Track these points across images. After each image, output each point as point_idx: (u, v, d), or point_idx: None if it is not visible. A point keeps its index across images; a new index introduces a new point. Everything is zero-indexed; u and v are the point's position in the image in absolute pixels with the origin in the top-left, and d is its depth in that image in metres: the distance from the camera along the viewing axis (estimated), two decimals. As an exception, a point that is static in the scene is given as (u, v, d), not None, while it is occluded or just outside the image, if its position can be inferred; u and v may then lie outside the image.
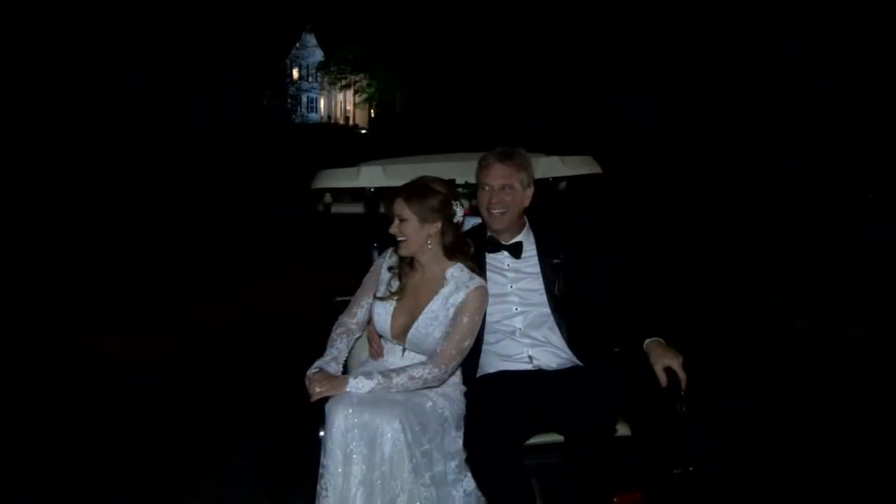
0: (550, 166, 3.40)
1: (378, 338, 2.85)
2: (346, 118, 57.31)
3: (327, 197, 3.61)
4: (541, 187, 3.11)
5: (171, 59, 23.69)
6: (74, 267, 13.09)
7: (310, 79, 54.97)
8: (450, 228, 2.76)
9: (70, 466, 4.77)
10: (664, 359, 2.63)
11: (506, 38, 27.99)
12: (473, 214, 3.10)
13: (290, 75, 49.03)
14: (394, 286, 2.80)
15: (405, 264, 2.81)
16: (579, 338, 2.84)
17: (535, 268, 2.91)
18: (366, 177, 3.25)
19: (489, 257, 2.92)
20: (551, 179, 3.52)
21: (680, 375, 2.60)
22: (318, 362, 2.75)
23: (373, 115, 54.13)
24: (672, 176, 15.19)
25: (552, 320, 2.85)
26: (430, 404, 2.62)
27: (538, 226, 3.00)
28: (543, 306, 2.86)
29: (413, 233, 2.72)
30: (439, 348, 2.65)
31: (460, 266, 2.77)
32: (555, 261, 2.89)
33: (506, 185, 2.84)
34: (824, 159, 13.39)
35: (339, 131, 50.03)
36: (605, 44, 20.44)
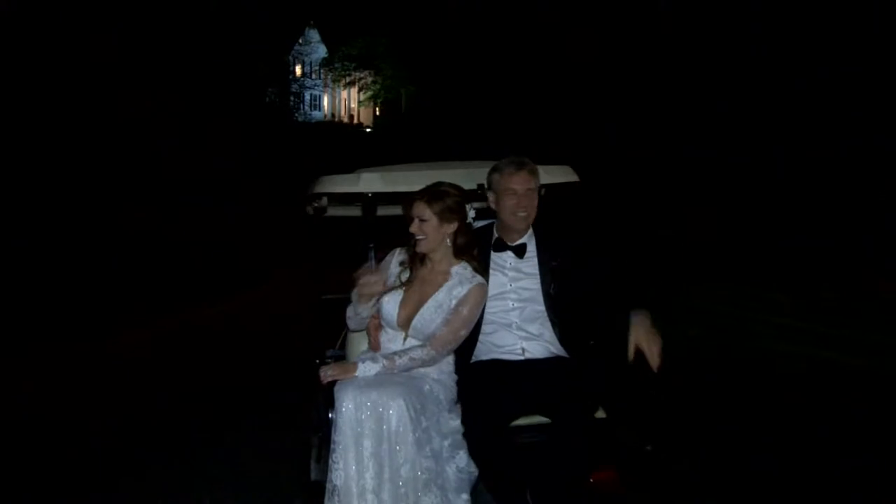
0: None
1: (377, 332, 3.17)
2: (351, 116, 57.28)
3: (323, 200, 3.84)
4: None
5: (172, 56, 23.98)
6: (82, 267, 13.36)
7: (313, 76, 54.94)
8: (464, 229, 3.12)
9: (73, 459, 4.95)
10: (641, 340, 2.88)
11: (509, 36, 28.19)
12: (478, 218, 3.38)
13: (293, 72, 49.06)
14: (403, 278, 3.14)
15: (416, 260, 3.15)
16: (568, 333, 3.17)
17: (534, 268, 3.23)
18: (365, 183, 3.51)
19: (494, 256, 3.26)
20: (541, 189, 3.74)
21: (652, 361, 2.85)
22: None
23: (378, 113, 54.17)
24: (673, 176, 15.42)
25: (545, 317, 3.17)
26: (428, 387, 2.96)
27: (540, 231, 3.32)
28: (538, 304, 3.18)
29: (432, 231, 3.07)
30: (438, 333, 3.01)
31: (465, 264, 3.13)
32: (553, 263, 3.21)
33: (529, 189, 3.19)
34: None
35: (343, 130, 49.95)
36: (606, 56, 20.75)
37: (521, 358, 3.15)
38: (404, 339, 3.11)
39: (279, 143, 31.46)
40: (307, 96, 52.71)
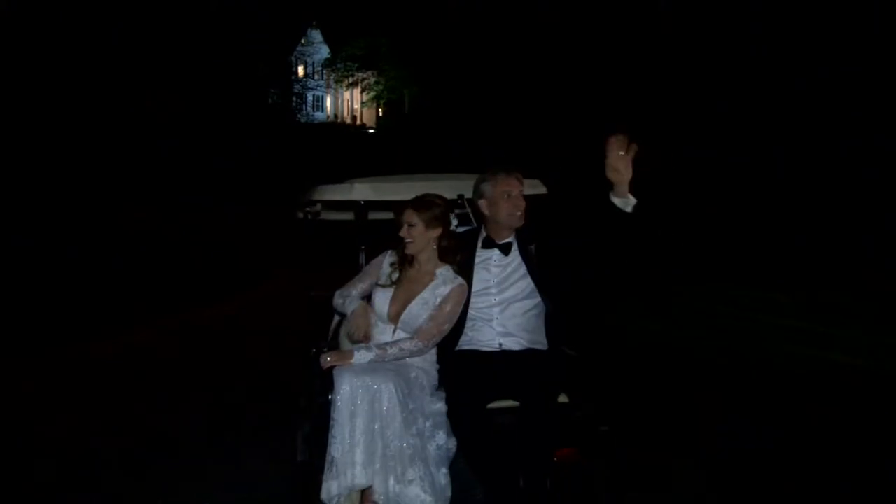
0: None
1: (365, 328, 3.50)
2: (354, 117, 57.54)
3: (317, 206, 4.24)
4: None
5: (173, 57, 24.18)
6: (86, 269, 13.59)
7: (316, 76, 55.24)
8: (447, 235, 3.53)
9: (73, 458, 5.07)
10: (616, 160, 3.09)
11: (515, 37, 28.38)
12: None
13: (295, 73, 49.33)
14: (394, 277, 3.55)
15: (405, 261, 3.55)
16: (543, 325, 3.60)
17: (517, 259, 3.62)
18: (357, 192, 3.97)
19: (482, 255, 3.64)
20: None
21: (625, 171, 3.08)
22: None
23: (381, 113, 54.38)
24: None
25: (521, 312, 3.58)
26: (414, 375, 3.36)
27: (521, 234, 3.69)
28: (517, 300, 3.58)
29: (419, 236, 3.48)
30: (424, 327, 3.42)
31: (448, 267, 3.53)
32: (530, 247, 3.63)
33: (521, 191, 3.59)
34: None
35: (345, 131, 50.14)
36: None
37: (499, 349, 3.57)
38: (393, 331, 3.50)
39: (281, 144, 31.63)
40: (310, 97, 53.05)
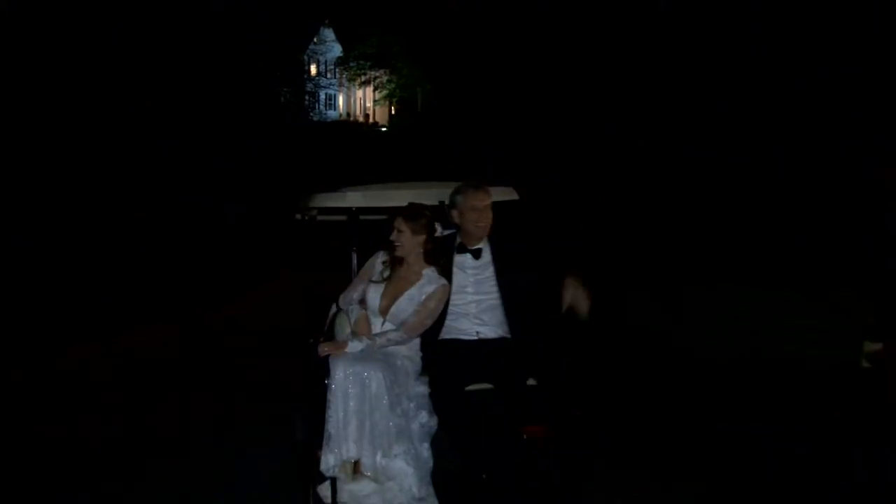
0: None
1: (367, 331, 4.00)
2: (366, 116, 57.92)
3: (314, 210, 4.71)
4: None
5: (183, 57, 24.48)
6: (95, 269, 13.91)
7: (328, 75, 55.63)
8: (432, 240, 4.03)
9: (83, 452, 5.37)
10: (572, 297, 3.75)
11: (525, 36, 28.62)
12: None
13: (308, 71, 49.66)
14: (385, 275, 4.07)
15: (396, 262, 4.05)
16: (514, 319, 4.09)
17: (490, 266, 4.14)
18: (350, 199, 4.46)
19: (457, 259, 4.14)
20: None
21: (581, 314, 3.71)
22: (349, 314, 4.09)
23: (393, 112, 54.70)
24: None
25: (496, 306, 4.08)
26: (400, 362, 3.88)
27: (493, 238, 4.21)
28: (491, 296, 4.11)
29: (407, 241, 4.00)
30: (409, 321, 3.95)
31: (433, 268, 4.03)
32: (503, 261, 4.14)
33: (486, 206, 4.09)
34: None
35: (358, 129, 50.44)
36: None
37: (476, 339, 4.08)
38: (382, 323, 4.03)
39: (293, 143, 31.82)
40: (322, 96, 53.35)
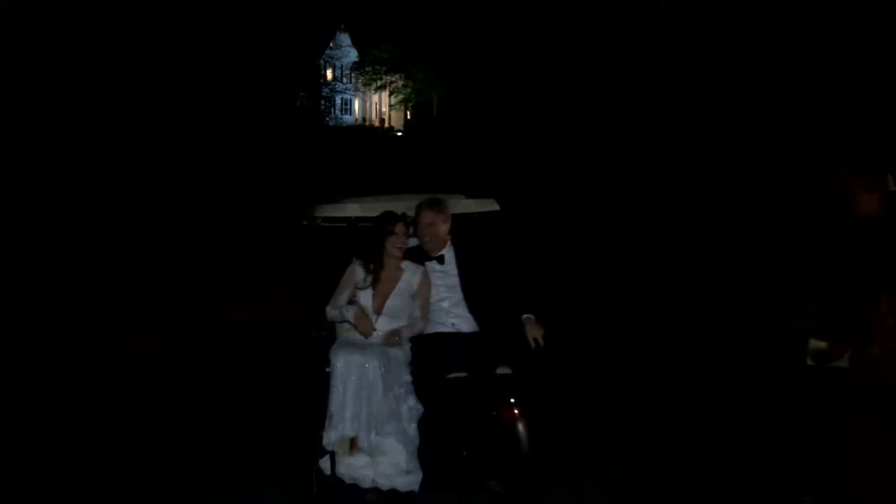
0: (467, 205, 5.38)
1: (369, 326, 4.51)
2: (382, 120, 58.41)
3: (318, 219, 5.37)
4: (462, 218, 5.18)
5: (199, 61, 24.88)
6: (108, 271, 14.26)
7: (344, 80, 56.18)
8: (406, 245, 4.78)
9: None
10: (533, 331, 4.47)
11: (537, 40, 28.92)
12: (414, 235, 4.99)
13: (324, 76, 50.21)
14: (368, 280, 4.63)
15: (379, 265, 4.64)
16: (478, 313, 4.74)
17: (455, 270, 4.79)
18: (349, 210, 5.23)
19: (427, 263, 4.80)
20: (474, 214, 5.46)
21: (540, 343, 4.45)
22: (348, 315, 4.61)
23: (409, 116, 55.14)
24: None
25: (464, 303, 4.75)
26: (393, 353, 4.38)
27: (459, 243, 4.88)
28: (459, 295, 4.76)
29: (405, 242, 4.72)
30: (418, 312, 4.62)
31: (408, 262, 4.70)
32: (468, 268, 4.80)
33: (429, 224, 4.73)
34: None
35: (373, 134, 50.85)
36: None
37: (453, 330, 4.69)
38: (376, 319, 4.57)
39: (308, 146, 32.13)
40: (338, 100, 53.86)
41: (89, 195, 17.05)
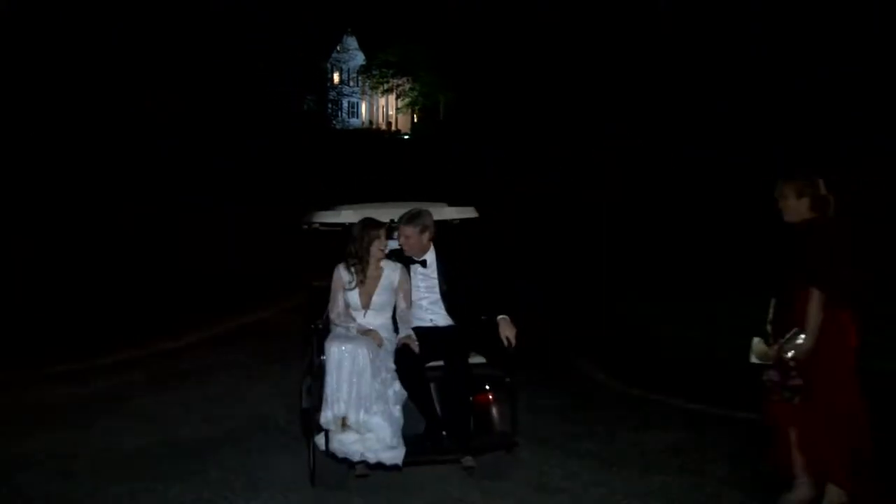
0: (448, 213, 5.88)
1: (379, 337, 4.98)
2: (389, 123, 58.69)
3: (316, 224, 5.89)
4: (444, 224, 5.71)
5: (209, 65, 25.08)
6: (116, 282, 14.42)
7: (351, 83, 56.51)
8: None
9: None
10: (506, 331, 5.03)
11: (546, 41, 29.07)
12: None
13: (331, 80, 50.48)
14: (354, 282, 5.15)
15: (364, 266, 5.13)
16: (454, 311, 5.32)
17: (434, 274, 5.35)
18: (343, 216, 5.68)
19: (412, 267, 5.34)
20: (455, 220, 6.01)
21: (512, 342, 5.01)
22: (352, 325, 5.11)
23: (415, 119, 55.37)
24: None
25: (441, 302, 5.33)
26: (380, 343, 4.95)
27: (440, 249, 5.39)
28: (437, 294, 5.34)
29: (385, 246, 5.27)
30: (403, 304, 5.20)
31: (387, 261, 5.22)
32: (446, 272, 5.33)
33: (406, 236, 5.26)
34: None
35: (380, 137, 51.07)
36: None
37: (431, 325, 5.28)
38: (364, 314, 5.14)
39: (311, 149, 32.30)
40: (345, 103, 54.18)
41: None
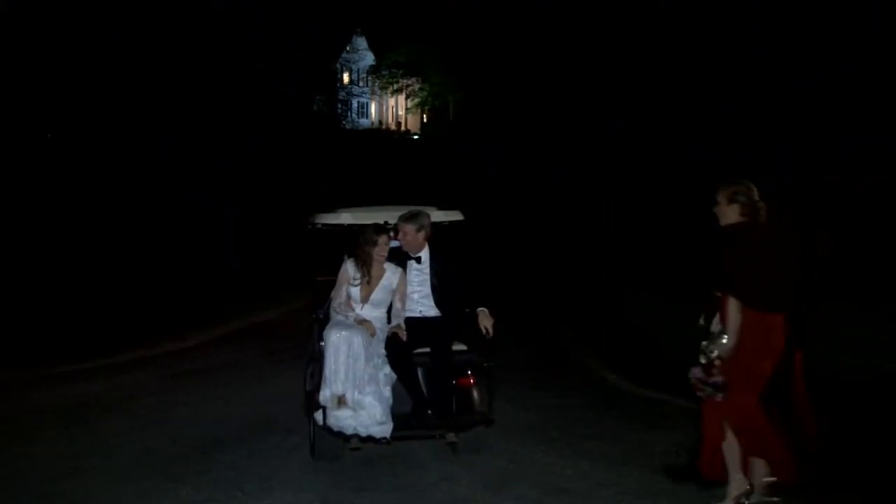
0: (436, 216, 6.46)
1: (373, 328, 5.64)
2: (398, 124, 58.85)
3: (318, 224, 6.57)
4: (436, 226, 6.32)
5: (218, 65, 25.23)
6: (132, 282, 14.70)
7: (360, 83, 56.70)
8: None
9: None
10: (484, 321, 5.70)
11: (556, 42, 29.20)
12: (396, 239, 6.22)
13: (340, 80, 50.64)
14: (358, 278, 5.81)
15: (369, 265, 5.79)
16: (441, 304, 5.98)
17: (427, 270, 6.02)
18: (343, 217, 6.45)
19: (407, 262, 6.00)
20: (445, 222, 6.71)
21: (490, 332, 5.67)
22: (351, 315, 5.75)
23: (425, 120, 55.44)
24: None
25: (431, 295, 6.00)
26: (373, 332, 5.64)
27: (433, 247, 6.07)
28: (428, 290, 6.00)
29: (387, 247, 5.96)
30: (399, 304, 5.85)
31: (389, 263, 5.91)
32: (436, 268, 6.03)
33: (405, 233, 5.97)
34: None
35: (389, 137, 51.25)
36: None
37: (420, 315, 5.95)
38: (362, 307, 5.80)
39: (313, 148, 32.40)
40: (354, 104, 54.32)
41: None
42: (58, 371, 9.14)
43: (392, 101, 58.99)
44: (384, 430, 5.31)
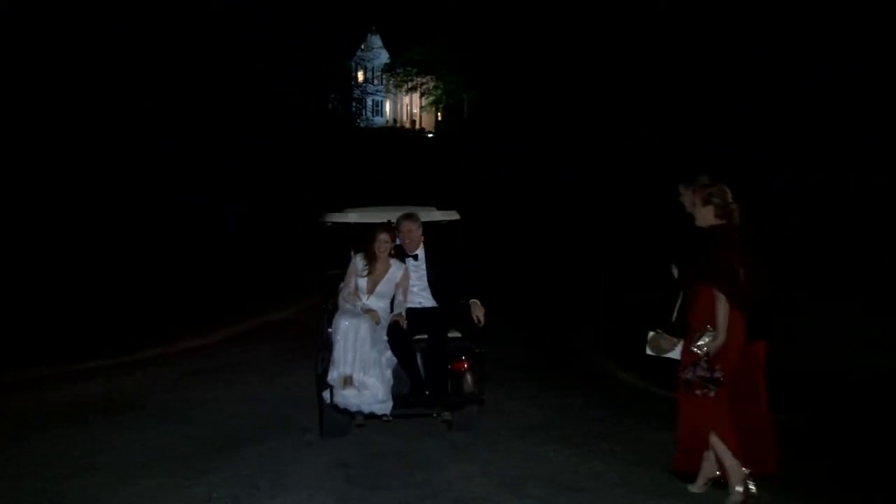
0: (435, 215, 7.01)
1: (378, 318, 6.14)
2: (413, 122, 58.91)
3: (328, 223, 7.12)
4: (432, 224, 6.90)
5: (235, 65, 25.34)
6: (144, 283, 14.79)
7: (375, 81, 56.83)
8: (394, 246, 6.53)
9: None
10: (476, 312, 6.20)
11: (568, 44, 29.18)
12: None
13: (355, 78, 50.79)
14: (365, 271, 6.33)
15: (373, 259, 6.30)
16: (438, 296, 6.52)
17: (424, 265, 6.56)
18: (351, 217, 6.97)
19: (408, 260, 6.54)
20: (444, 221, 7.18)
21: (482, 321, 6.16)
22: (358, 304, 6.27)
23: (440, 118, 55.47)
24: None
25: (428, 288, 6.55)
26: (377, 321, 6.15)
27: (429, 245, 6.59)
28: (425, 282, 6.54)
29: (390, 245, 6.46)
30: (401, 297, 6.35)
31: (394, 259, 6.42)
32: (433, 263, 6.54)
33: (408, 230, 6.51)
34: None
35: (404, 136, 51.27)
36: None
37: (419, 306, 6.46)
38: (367, 298, 6.30)
39: (339, 149, 32.45)
40: (369, 102, 54.49)
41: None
42: (71, 369, 9.05)
43: (407, 100, 59.08)
44: (385, 407, 5.89)
